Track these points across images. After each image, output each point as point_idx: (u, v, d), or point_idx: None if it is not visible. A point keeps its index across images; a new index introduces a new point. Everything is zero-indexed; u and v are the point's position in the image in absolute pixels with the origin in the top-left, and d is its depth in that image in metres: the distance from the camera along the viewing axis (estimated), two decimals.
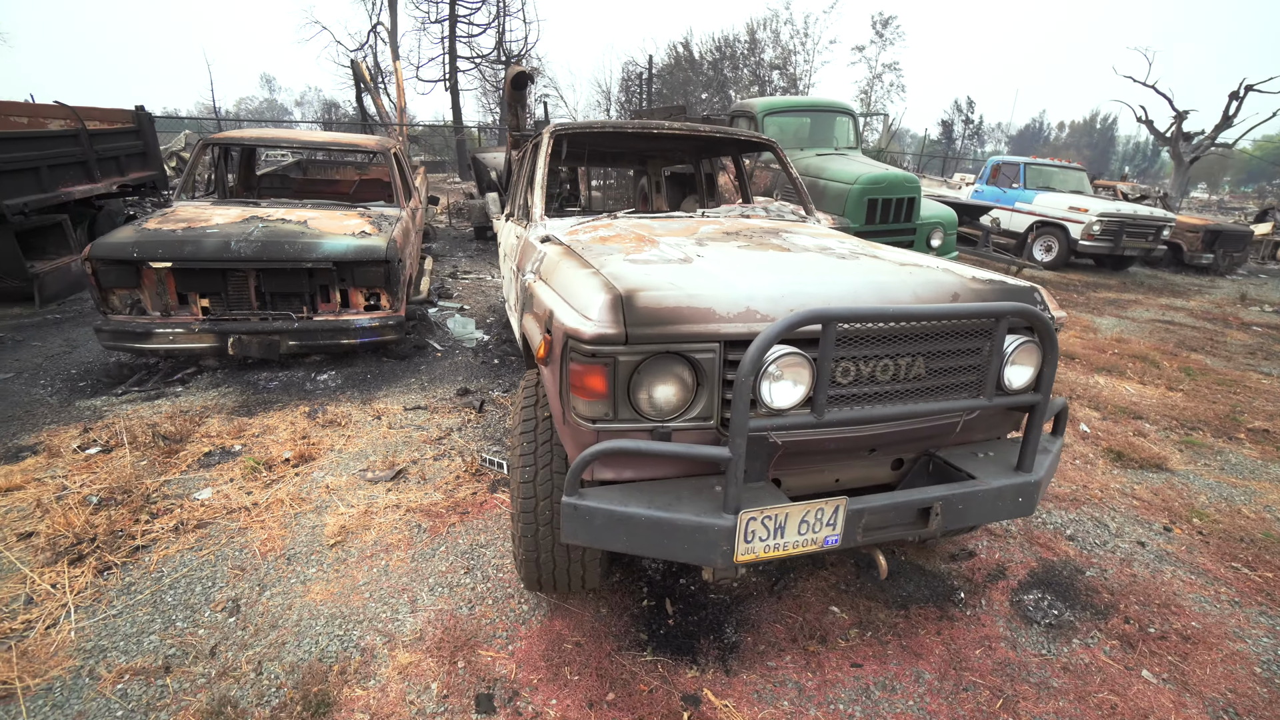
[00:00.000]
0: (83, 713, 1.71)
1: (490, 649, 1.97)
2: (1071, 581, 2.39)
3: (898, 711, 1.81)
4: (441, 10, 21.32)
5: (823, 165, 6.21)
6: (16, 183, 4.73)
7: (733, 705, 1.81)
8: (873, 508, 1.56)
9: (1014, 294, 1.86)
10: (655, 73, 29.57)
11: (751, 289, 1.62)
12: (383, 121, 18.69)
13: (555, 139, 3.17)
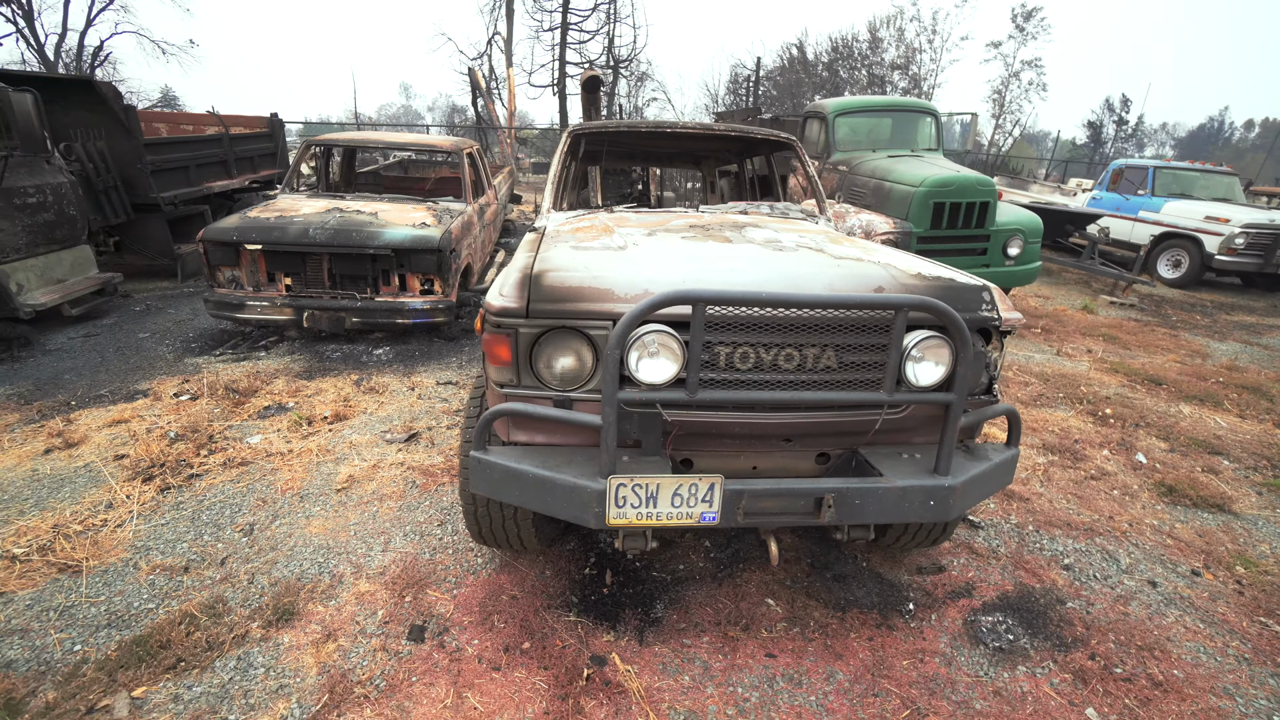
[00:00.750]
0: (121, 591, 2.16)
1: (437, 590, 2.21)
2: (1045, 610, 2.21)
3: (795, 704, 1.81)
4: (555, 19, 22.56)
5: (890, 167, 5.94)
6: (169, 179, 5.76)
7: (635, 671, 1.90)
8: (753, 490, 1.60)
9: (957, 292, 1.79)
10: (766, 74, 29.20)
11: (656, 274, 1.71)
12: (493, 125, 20.09)
13: (573, 139, 3.38)
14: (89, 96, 5.07)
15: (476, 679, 1.86)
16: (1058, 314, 6.61)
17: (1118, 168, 9.06)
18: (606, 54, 25.10)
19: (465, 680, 1.86)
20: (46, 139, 4.55)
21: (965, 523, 2.73)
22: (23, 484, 2.77)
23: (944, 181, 5.40)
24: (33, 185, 4.37)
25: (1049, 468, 3.28)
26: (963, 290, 1.80)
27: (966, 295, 1.80)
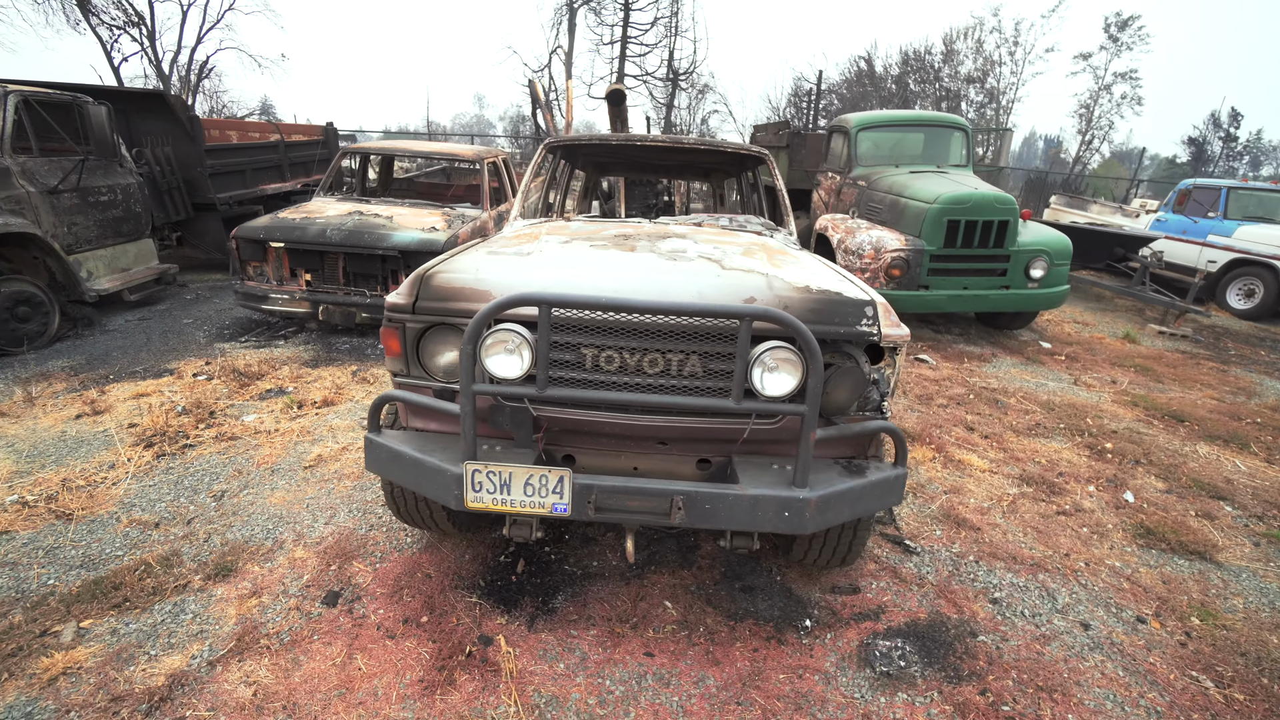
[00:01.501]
0: (100, 538, 2.46)
1: (361, 562, 2.40)
2: (951, 641, 2.14)
3: (656, 702, 1.86)
4: (615, 33, 23.14)
5: (907, 183, 5.79)
6: (227, 181, 6.40)
7: (515, 654, 2.01)
8: (603, 486, 1.68)
9: (836, 307, 1.81)
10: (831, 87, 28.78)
11: (536, 278, 1.83)
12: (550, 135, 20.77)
13: (547, 150, 3.55)
14: (161, 107, 5.73)
15: (370, 644, 2.02)
16: (1092, 341, 6.20)
17: (1185, 188, 8.37)
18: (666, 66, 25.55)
19: (359, 644, 2.02)
20: (119, 145, 5.17)
21: (899, 547, 2.67)
22: (51, 442, 3.18)
23: (958, 199, 5.22)
24: (105, 185, 4.98)
25: (1018, 499, 3.14)
26: (842, 305, 1.82)
27: (845, 310, 1.81)
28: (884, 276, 5.45)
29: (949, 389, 4.63)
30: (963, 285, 5.50)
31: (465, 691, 1.86)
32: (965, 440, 3.77)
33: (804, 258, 2.50)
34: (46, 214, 4.49)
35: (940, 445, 3.65)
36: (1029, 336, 6.27)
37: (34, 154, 4.53)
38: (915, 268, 5.41)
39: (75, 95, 4.75)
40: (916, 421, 3.98)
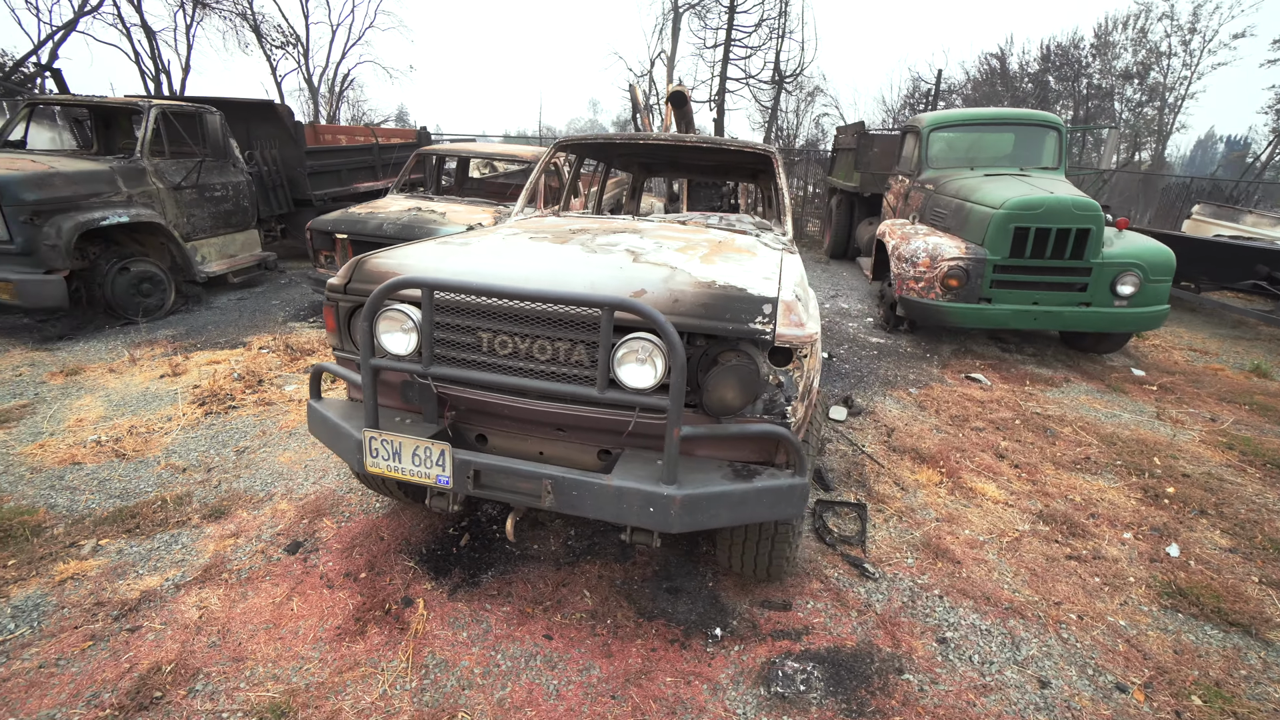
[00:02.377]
0: (139, 476, 2.92)
1: (330, 519, 2.65)
2: (870, 675, 1.98)
3: (535, 681, 1.91)
4: (719, 36, 23.06)
5: (975, 187, 5.31)
6: (324, 180, 7.21)
7: (428, 617, 2.14)
8: (479, 463, 1.76)
9: (728, 303, 1.75)
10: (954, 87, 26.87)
11: (451, 265, 1.95)
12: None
13: (555, 149, 3.68)
14: (271, 115, 6.59)
15: (309, 590, 2.24)
16: (1201, 373, 5.30)
17: None
18: (772, 69, 25.03)
19: (301, 589, 2.24)
20: (233, 147, 6.02)
21: (856, 569, 2.49)
22: (135, 396, 3.80)
23: (1028, 203, 4.71)
24: (219, 183, 5.82)
25: (1025, 537, 2.80)
26: (736, 301, 1.76)
27: (738, 306, 1.75)
28: (940, 287, 5.04)
29: (994, 412, 4.19)
30: (1032, 300, 4.94)
31: (370, 643, 2.02)
32: (988, 468, 3.41)
33: (762, 258, 2.41)
34: (171, 207, 5.34)
35: (953, 470, 3.34)
36: (1120, 362, 5.50)
37: (165, 156, 5.40)
38: (976, 279, 4.95)
39: (198, 106, 5.61)
40: (937, 443, 3.66)
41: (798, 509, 1.80)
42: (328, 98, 27.93)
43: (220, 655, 1.94)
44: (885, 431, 3.81)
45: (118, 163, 4.98)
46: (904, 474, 3.30)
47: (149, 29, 20.03)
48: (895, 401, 4.32)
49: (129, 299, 5.07)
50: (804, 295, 1.98)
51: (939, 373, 4.98)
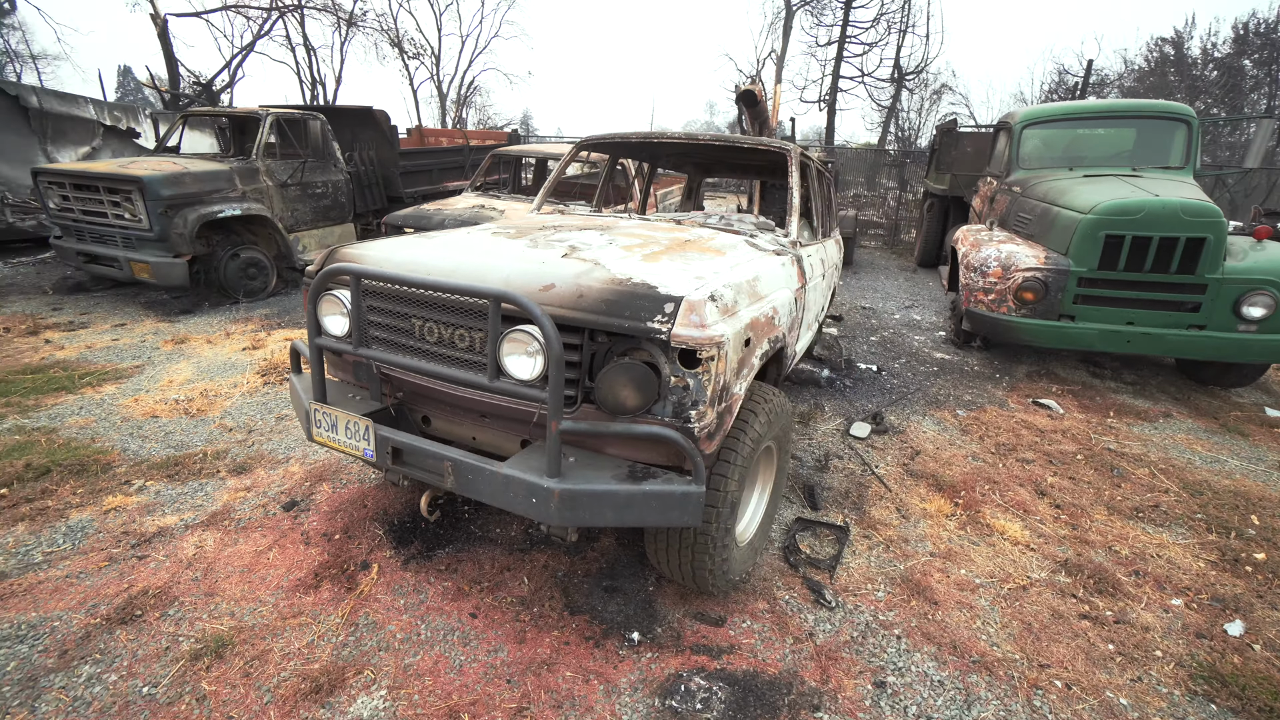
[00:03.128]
0: (195, 431, 3.40)
1: (328, 485, 2.92)
2: (780, 707, 1.85)
3: (445, 654, 1.99)
4: (833, 33, 22.01)
5: (1065, 189, 4.68)
6: (416, 179, 7.86)
7: (375, 581, 2.30)
8: (397, 441, 1.86)
9: (630, 300, 1.72)
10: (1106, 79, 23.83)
11: (400, 257, 2.08)
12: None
13: (577, 149, 3.75)
14: (371, 120, 7.31)
15: (288, 544, 2.49)
16: None
17: None
18: (892, 66, 23.51)
19: (281, 542, 2.50)
20: (335, 149, 6.75)
21: (814, 594, 2.32)
22: (219, 364, 4.40)
23: (1123, 208, 4.08)
24: (320, 181, 6.55)
25: (1035, 586, 2.45)
26: (639, 299, 1.72)
27: (640, 304, 1.71)
28: (1013, 300, 4.51)
29: (1053, 443, 3.69)
30: (1125, 320, 4.28)
31: (320, 597, 2.21)
32: (1020, 504, 3.02)
33: (729, 258, 2.31)
34: (277, 201, 6.11)
35: (973, 502, 2.99)
36: (1253, 399, 4.59)
37: (276, 157, 6.18)
38: (1055, 293, 4.37)
39: (304, 113, 6.36)
40: (966, 472, 3.30)
41: (693, 517, 1.73)
42: (455, 104, 30.30)
43: (197, 589, 2.22)
44: (909, 454, 3.49)
45: (236, 163, 5.78)
46: (912, 501, 3.01)
47: (309, 47, 22.92)
48: (935, 423, 3.94)
49: (237, 281, 5.88)
50: (731, 298, 1.88)
51: (1002, 395, 4.46)
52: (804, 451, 3.43)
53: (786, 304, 2.38)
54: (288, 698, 1.80)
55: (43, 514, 2.57)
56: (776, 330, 2.19)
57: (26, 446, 3.06)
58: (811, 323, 3.37)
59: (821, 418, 3.91)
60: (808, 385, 4.42)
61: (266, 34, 19.78)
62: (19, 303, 5.72)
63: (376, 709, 1.78)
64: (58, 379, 3.93)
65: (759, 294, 2.10)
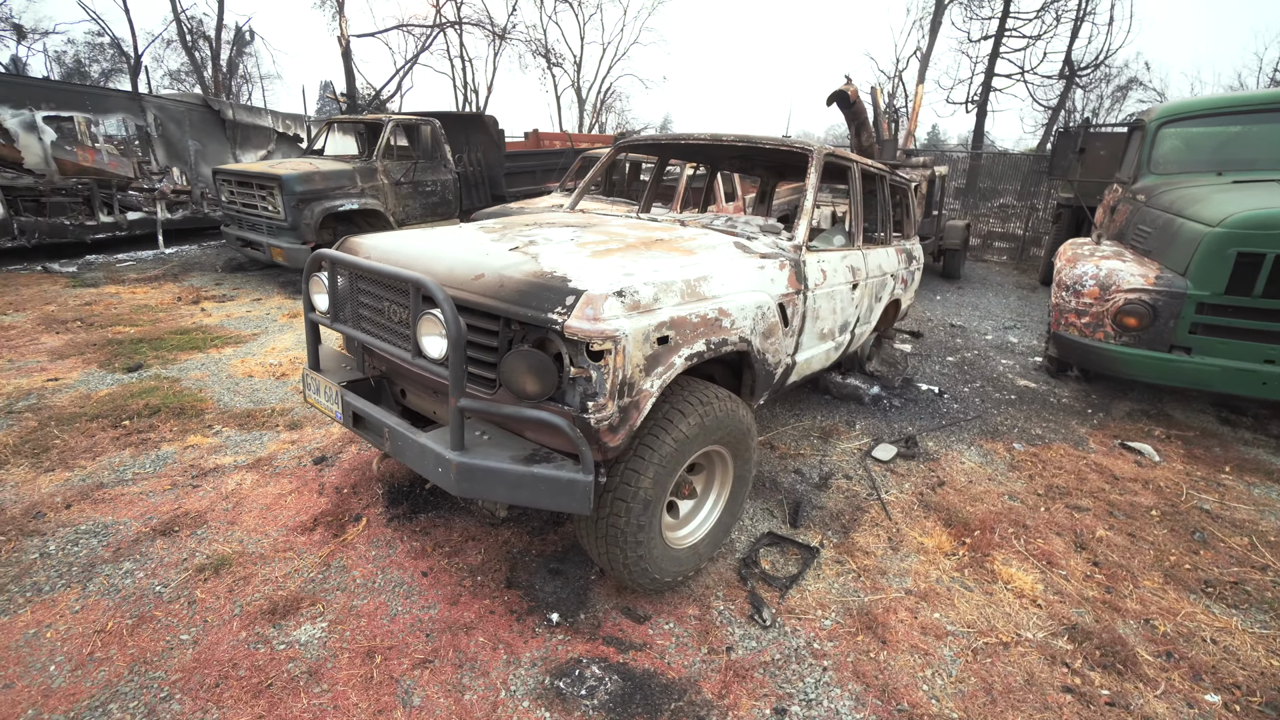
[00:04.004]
0: (275, 392, 4.01)
1: (356, 445, 3.32)
2: (658, 709, 1.83)
3: (388, 602, 2.21)
4: (990, 26, 19.82)
5: (1197, 198, 3.92)
6: (520, 179, 8.46)
7: (360, 532, 2.60)
8: (355, 406, 2.13)
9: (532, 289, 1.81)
10: None
11: (384, 246, 2.34)
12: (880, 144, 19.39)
13: (616, 150, 3.86)
14: (480, 124, 7.99)
15: (306, 491, 2.89)
16: None
17: None
18: (1062, 61, 20.71)
19: (301, 489, 2.91)
20: (445, 151, 7.48)
21: (752, 609, 2.24)
22: None
23: (1262, 220, 3.36)
24: (430, 180, 7.31)
25: (1019, 645, 2.15)
26: (544, 289, 1.80)
27: (544, 295, 1.79)
28: (1112, 325, 3.89)
29: (1127, 494, 3.15)
30: (1263, 357, 3.50)
31: (310, 538, 2.55)
32: (1047, 555, 2.64)
33: (700, 258, 2.29)
34: (391, 198, 6.92)
35: (986, 544, 2.67)
36: None
37: (394, 158, 7.00)
38: (1167, 319, 3.70)
39: (420, 119, 7.13)
40: (993, 511, 2.93)
41: (581, 505, 1.78)
42: (594, 109, 31.81)
43: (224, 517, 2.66)
44: (933, 483, 3.17)
45: (359, 164, 6.65)
46: (911, 533, 2.75)
47: (465, 59, 25.34)
48: (980, 454, 3.53)
49: None
50: (650, 295, 1.87)
51: (1084, 433, 3.87)
52: (810, 467, 3.26)
53: (753, 308, 2.30)
54: (251, 614, 2.12)
55: (144, 443, 3.22)
56: (726, 333, 2.14)
57: (153, 390, 3.82)
58: (831, 333, 3.18)
59: (847, 435, 3.67)
60: (848, 401, 4.16)
61: (427, 48, 22.25)
62: (195, 277, 7.06)
63: (313, 636, 2.05)
64: (195, 339, 4.83)
65: (701, 294, 2.07)
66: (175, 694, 1.81)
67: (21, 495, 2.73)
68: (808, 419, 3.86)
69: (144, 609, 2.13)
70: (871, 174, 3.81)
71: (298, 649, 1.99)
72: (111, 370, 4.15)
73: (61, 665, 1.90)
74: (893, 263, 4.02)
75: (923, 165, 7.42)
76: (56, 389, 3.80)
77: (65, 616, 2.08)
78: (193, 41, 21.22)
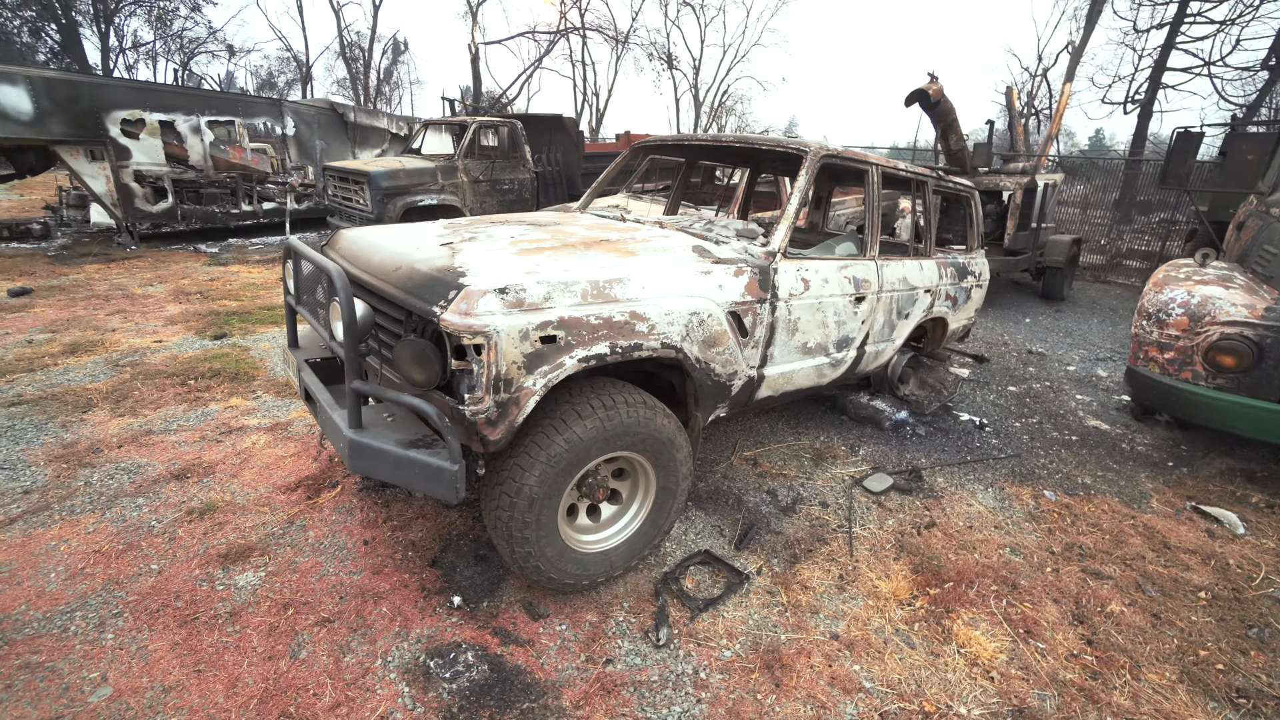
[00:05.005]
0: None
1: None
2: (510, 703, 1.83)
3: (323, 562, 2.41)
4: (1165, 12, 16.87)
5: None
6: (589, 180, 8.65)
7: (333, 497, 2.85)
8: (305, 382, 2.33)
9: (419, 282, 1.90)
10: None
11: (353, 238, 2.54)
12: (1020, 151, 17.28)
13: (632, 151, 3.84)
14: (561, 126, 8.30)
15: (304, 456, 3.21)
16: None
17: None
18: (1269, 50, 17.19)
19: (300, 454, 3.23)
20: (525, 151, 7.86)
21: (654, 627, 2.15)
22: None
23: None
24: (508, 179, 7.73)
25: (946, 718, 1.88)
26: (433, 282, 1.88)
27: (431, 288, 1.87)
28: (1203, 364, 3.25)
29: (1173, 567, 2.63)
30: None
31: (289, 497, 2.84)
32: (1029, 622, 2.27)
33: (641, 259, 2.26)
34: (469, 195, 7.41)
35: (953, 599, 2.35)
36: None
37: (474, 157, 7.48)
38: (1276, 362, 3.02)
39: (501, 120, 7.55)
40: (981, 563, 2.57)
41: (447, 492, 1.82)
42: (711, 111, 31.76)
43: (229, 470, 3.03)
44: (922, 524, 2.84)
45: (441, 162, 7.19)
46: (869, 573, 2.49)
47: (586, 63, 26.37)
48: (996, 497, 3.10)
49: None
50: (542, 293, 1.86)
51: (1148, 489, 3.26)
52: (787, 490, 3.05)
53: (685, 314, 2.21)
54: (210, 556, 2.41)
55: (198, 401, 3.75)
56: (641, 338, 2.07)
57: (224, 356, 4.43)
58: (821, 348, 2.96)
59: (844, 460, 3.38)
60: (866, 424, 3.82)
61: (548, 54, 23.47)
62: None
63: (249, 583, 2.28)
64: (278, 315, 5.50)
65: (610, 296, 2.03)
66: (125, 613, 2.11)
67: (93, 433, 3.29)
68: (808, 438, 3.61)
69: (135, 539, 2.49)
70: (901, 178, 3.48)
71: (232, 592, 2.24)
72: (203, 337, 4.86)
73: (59, 575, 2.28)
74: (930, 277, 3.64)
75: (1020, 172, 6.58)
76: (157, 349, 4.53)
77: (80, 536, 2.50)
78: (351, 53, 24.08)
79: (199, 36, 27.23)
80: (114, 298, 5.85)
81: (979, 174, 6.76)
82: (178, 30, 26.73)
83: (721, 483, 3.09)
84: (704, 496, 2.96)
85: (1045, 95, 20.58)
